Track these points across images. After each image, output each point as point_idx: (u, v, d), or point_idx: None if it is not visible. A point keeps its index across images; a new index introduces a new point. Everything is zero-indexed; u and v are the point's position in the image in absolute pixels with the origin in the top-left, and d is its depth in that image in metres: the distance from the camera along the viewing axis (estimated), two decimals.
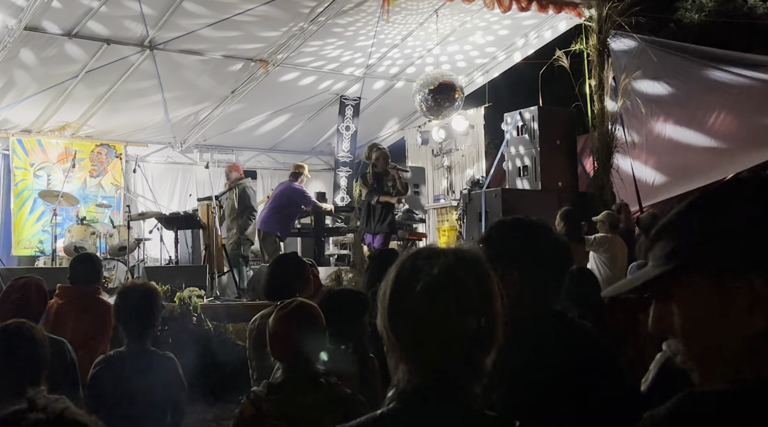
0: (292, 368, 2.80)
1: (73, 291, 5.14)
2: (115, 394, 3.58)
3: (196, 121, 12.11)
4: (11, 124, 11.11)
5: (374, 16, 10.20)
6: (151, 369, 3.65)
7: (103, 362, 3.71)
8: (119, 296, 3.91)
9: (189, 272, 8.90)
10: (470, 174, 12.16)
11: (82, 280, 5.16)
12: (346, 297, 3.55)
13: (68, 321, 4.87)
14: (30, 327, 3.19)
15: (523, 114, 10.16)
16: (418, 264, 1.40)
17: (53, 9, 8.93)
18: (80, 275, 5.17)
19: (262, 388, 2.76)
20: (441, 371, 1.36)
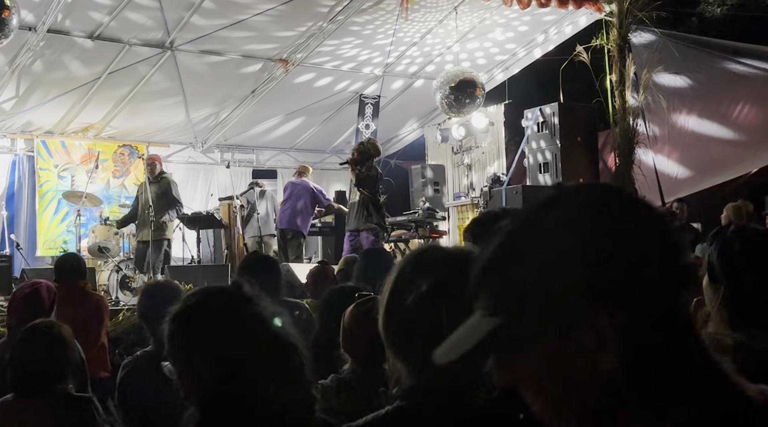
0: (364, 366, 2.76)
1: (63, 289, 5.25)
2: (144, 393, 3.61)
3: (217, 122, 12.18)
4: (35, 126, 11.24)
5: (393, 15, 10.20)
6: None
7: (132, 363, 3.75)
8: (143, 294, 3.96)
9: (211, 271, 8.98)
10: (491, 171, 12.12)
11: (69, 277, 5.28)
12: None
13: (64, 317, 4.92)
14: (58, 326, 3.25)
15: (543, 110, 10.11)
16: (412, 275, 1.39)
17: (75, 12, 9.03)
18: (66, 273, 5.30)
19: (331, 382, 2.69)
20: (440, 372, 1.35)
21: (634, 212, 0.86)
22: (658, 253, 0.83)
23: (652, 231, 0.85)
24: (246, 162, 13.18)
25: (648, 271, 0.81)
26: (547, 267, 0.82)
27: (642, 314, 0.81)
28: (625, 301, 0.81)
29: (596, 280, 0.81)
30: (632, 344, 0.81)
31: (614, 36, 10.18)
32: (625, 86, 10.13)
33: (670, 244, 0.85)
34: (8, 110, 10.57)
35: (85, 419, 3.07)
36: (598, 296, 0.80)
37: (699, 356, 0.84)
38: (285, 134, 13.11)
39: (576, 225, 0.83)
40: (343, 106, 12.60)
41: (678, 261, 0.85)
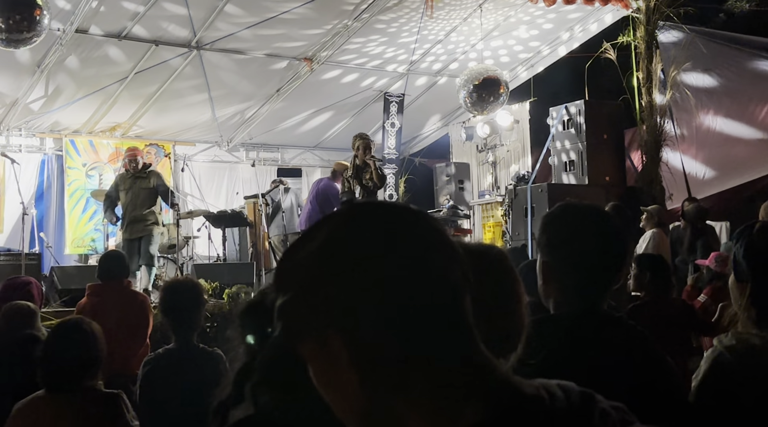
0: None
1: (106, 287, 5.29)
2: (166, 390, 3.64)
3: (242, 120, 12.26)
4: (64, 126, 11.38)
5: (417, 12, 10.20)
6: (199, 365, 3.70)
7: (153, 360, 3.78)
8: (164, 292, 3.99)
9: (237, 269, 9.03)
10: (515, 169, 12.08)
11: (113, 275, 5.31)
12: None
13: (110, 316, 4.97)
14: (88, 322, 3.28)
15: (569, 108, 10.06)
16: None
17: (102, 13, 9.13)
18: (110, 271, 5.32)
19: None
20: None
21: (380, 249, 0.84)
22: (395, 293, 0.82)
23: (396, 268, 0.83)
24: (271, 160, 13.24)
25: (384, 309, 0.81)
26: (307, 281, 0.85)
27: (379, 346, 0.82)
28: (360, 334, 0.82)
29: (333, 305, 0.82)
30: (372, 372, 0.82)
31: (641, 33, 10.09)
32: (652, 84, 10.04)
33: (411, 281, 0.83)
34: (37, 110, 10.72)
35: (114, 415, 3.10)
36: (337, 320, 0.82)
37: (471, 373, 0.84)
38: (310, 133, 13.15)
39: (322, 259, 0.85)
40: (368, 104, 12.62)
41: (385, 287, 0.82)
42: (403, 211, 0.89)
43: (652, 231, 7.77)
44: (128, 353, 4.07)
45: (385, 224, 0.86)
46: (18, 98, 10.27)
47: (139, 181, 8.88)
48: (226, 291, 7.54)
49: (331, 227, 0.87)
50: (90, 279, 6.60)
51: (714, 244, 7.95)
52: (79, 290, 6.70)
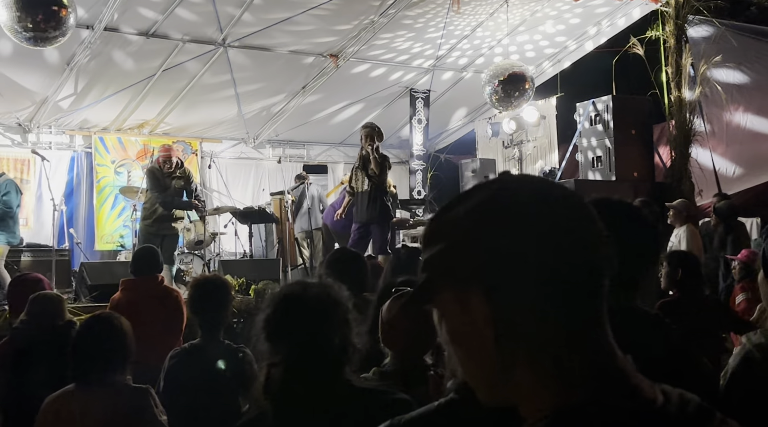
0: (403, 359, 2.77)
1: (140, 282, 5.33)
2: (191, 385, 3.67)
3: (268, 117, 12.31)
4: (93, 123, 11.51)
5: (443, 8, 10.17)
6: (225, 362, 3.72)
7: (179, 355, 3.81)
8: (192, 288, 4.02)
9: (263, 265, 9.07)
10: (542, 165, 12.01)
11: (147, 271, 5.35)
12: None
13: (144, 312, 5.02)
14: (117, 317, 3.32)
15: (596, 104, 9.97)
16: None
17: (130, 10, 9.22)
18: (144, 267, 5.36)
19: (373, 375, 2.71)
20: None
21: (525, 209, 0.88)
22: (544, 256, 0.86)
23: (546, 233, 0.87)
24: (297, 157, 13.28)
25: (533, 270, 0.86)
26: (456, 239, 0.90)
27: (520, 306, 0.86)
28: (504, 292, 0.86)
29: (481, 264, 0.87)
30: (508, 330, 0.86)
31: (670, 27, 9.96)
32: (681, 79, 9.91)
33: (559, 249, 0.87)
34: (67, 108, 10.85)
35: (142, 409, 3.14)
36: (482, 279, 0.87)
37: (594, 352, 0.87)
38: (335, 129, 13.17)
39: (479, 215, 0.89)
40: (394, 100, 12.61)
41: (569, 267, 0.87)
42: (559, 186, 0.93)
43: (684, 227, 7.68)
44: (163, 348, 4.08)
45: (540, 193, 0.90)
46: (48, 96, 10.40)
47: (174, 181, 8.92)
48: (253, 287, 7.58)
49: (488, 190, 0.91)
50: (119, 275, 6.67)
51: (744, 240, 7.86)
52: (108, 286, 6.77)
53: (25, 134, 11.06)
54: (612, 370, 0.88)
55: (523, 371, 0.87)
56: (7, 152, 10.91)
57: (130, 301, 5.19)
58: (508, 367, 0.88)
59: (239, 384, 3.76)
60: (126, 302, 5.20)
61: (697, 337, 3.81)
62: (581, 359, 0.87)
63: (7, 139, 11.00)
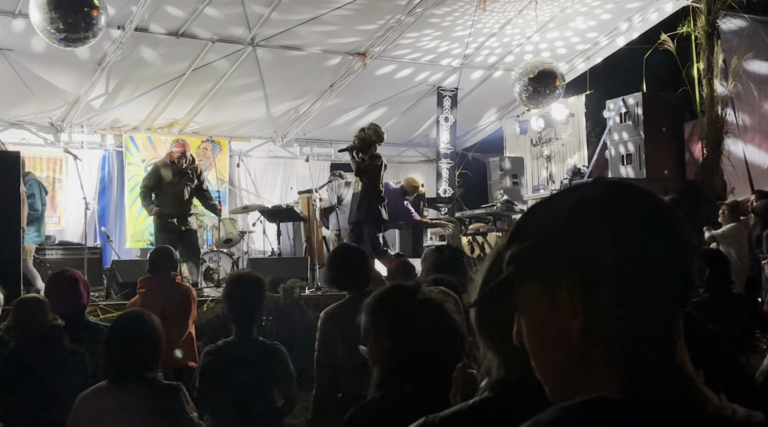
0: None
1: (153, 280, 5.41)
2: (226, 382, 3.69)
3: (296, 116, 12.35)
4: (124, 123, 11.64)
5: (471, 5, 10.12)
6: (260, 358, 3.74)
7: (214, 352, 3.83)
8: (228, 284, 4.04)
9: (291, 264, 9.10)
10: (571, 163, 11.91)
11: (159, 268, 5.44)
12: None
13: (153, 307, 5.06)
14: (148, 314, 3.35)
15: (626, 100, 9.88)
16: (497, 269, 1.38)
17: (161, 11, 9.31)
18: (157, 264, 5.46)
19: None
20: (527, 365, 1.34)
21: (629, 212, 0.92)
22: (639, 258, 0.89)
23: (643, 235, 0.90)
24: (324, 156, 13.31)
25: (628, 270, 0.89)
26: (551, 234, 0.93)
27: (610, 303, 0.89)
28: (598, 288, 0.89)
29: (577, 259, 0.90)
30: (594, 324, 0.89)
31: (702, 22, 9.83)
32: (713, 74, 9.78)
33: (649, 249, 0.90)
34: (98, 107, 10.98)
35: (174, 406, 3.16)
36: (576, 273, 0.90)
37: (668, 354, 0.90)
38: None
39: (579, 212, 0.93)
40: (421, 99, 12.58)
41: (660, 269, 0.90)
42: (654, 196, 0.95)
43: (732, 225, 7.57)
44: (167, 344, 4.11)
45: (634, 198, 0.94)
46: (80, 96, 10.54)
47: (186, 176, 8.92)
48: (281, 285, 7.61)
49: (588, 190, 0.95)
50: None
51: None
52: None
53: (57, 134, 11.22)
54: (681, 375, 0.90)
55: (595, 364, 0.90)
56: (41, 151, 11.07)
57: (143, 298, 5.28)
58: (584, 359, 0.91)
59: (274, 380, 3.78)
60: (141, 300, 5.29)
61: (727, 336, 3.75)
62: (655, 359, 0.89)
63: (40, 138, 11.16)
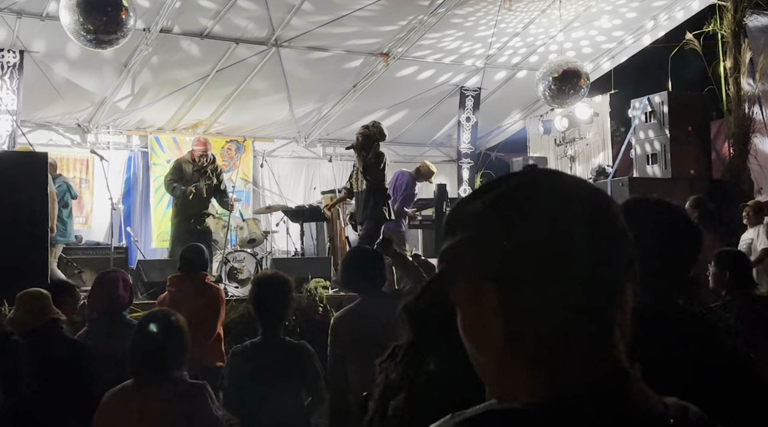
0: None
1: (184, 278, 5.44)
2: (253, 382, 3.71)
3: (319, 116, 12.39)
4: (149, 123, 11.74)
5: (494, 5, 10.09)
6: (287, 358, 3.76)
7: (241, 352, 3.86)
8: (255, 285, 4.07)
9: (314, 264, 9.12)
10: (595, 163, 11.83)
11: (191, 267, 5.47)
12: None
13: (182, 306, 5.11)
14: (174, 314, 3.39)
15: (652, 99, 9.79)
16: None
17: (184, 13, 9.39)
18: (189, 263, 5.49)
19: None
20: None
21: (553, 204, 0.87)
22: (559, 255, 0.84)
23: (564, 231, 0.85)
24: (348, 156, 13.29)
25: (547, 267, 0.84)
26: (474, 230, 0.88)
27: (530, 303, 0.84)
28: (516, 288, 0.84)
29: (497, 257, 0.85)
30: (517, 326, 0.85)
31: (728, 21, 9.73)
32: (740, 73, 9.67)
33: (576, 248, 0.84)
34: (124, 108, 11.09)
35: (199, 405, 3.19)
36: (496, 272, 0.85)
37: (595, 355, 0.85)
38: (386, 128, 13.16)
39: (497, 207, 0.88)
40: (444, 99, 12.57)
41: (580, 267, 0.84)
42: (586, 185, 0.91)
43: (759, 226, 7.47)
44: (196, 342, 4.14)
45: (564, 191, 0.88)
46: (106, 97, 10.65)
47: (205, 175, 9.02)
48: (305, 285, 7.64)
49: (509, 183, 0.90)
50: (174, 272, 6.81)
51: None
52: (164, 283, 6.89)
53: (84, 135, 11.34)
54: (610, 374, 0.85)
55: (522, 367, 0.86)
56: (68, 152, 11.19)
57: (173, 296, 5.31)
58: (509, 364, 0.86)
59: (301, 379, 3.80)
60: (169, 298, 5.32)
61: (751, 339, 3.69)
62: (580, 363, 0.85)
63: (67, 139, 11.29)
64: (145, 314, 3.50)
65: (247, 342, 3.88)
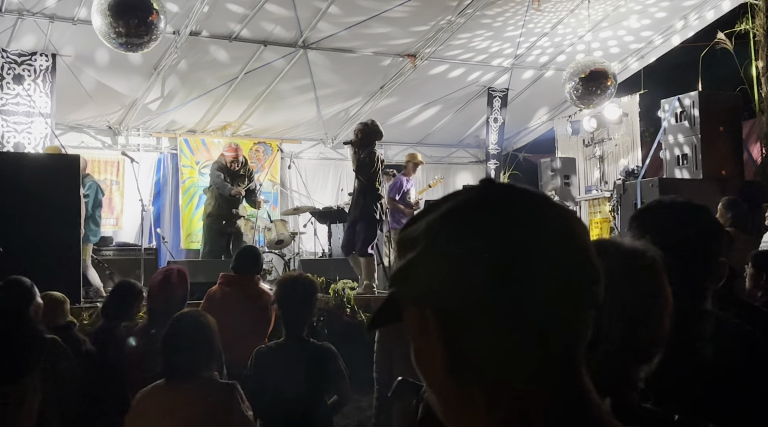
0: None
1: (238, 280, 5.48)
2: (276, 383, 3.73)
3: (347, 118, 12.42)
4: (178, 125, 11.86)
5: (523, 6, 10.06)
6: (311, 358, 3.78)
7: (265, 353, 3.88)
8: (279, 286, 4.09)
9: (342, 265, 9.14)
10: (624, 164, 11.73)
11: (246, 269, 5.51)
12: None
13: (232, 306, 5.18)
14: (204, 315, 3.42)
15: (682, 100, 9.67)
16: None
17: (213, 17, 9.48)
18: (245, 265, 5.52)
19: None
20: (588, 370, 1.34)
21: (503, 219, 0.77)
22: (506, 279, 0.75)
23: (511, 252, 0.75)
24: None
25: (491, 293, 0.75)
26: (417, 253, 0.79)
27: (473, 334, 0.76)
28: (457, 316, 0.76)
29: (440, 279, 0.77)
30: (461, 358, 0.76)
31: (761, 20, 9.60)
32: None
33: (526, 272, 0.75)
34: (154, 110, 11.22)
35: (230, 404, 3.22)
36: (438, 297, 0.77)
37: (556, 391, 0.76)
38: (413, 129, 13.19)
39: (440, 225, 0.80)
40: (471, 100, 12.54)
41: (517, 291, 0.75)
42: (538, 199, 0.80)
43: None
44: (246, 347, 4.18)
45: (511, 208, 0.78)
46: (137, 99, 10.78)
47: (238, 179, 9.17)
48: (332, 286, 7.66)
49: (456, 201, 0.81)
50: (203, 273, 6.87)
51: None
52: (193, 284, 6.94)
53: (114, 137, 11.48)
54: (575, 412, 0.76)
55: (475, 406, 0.76)
56: (99, 154, 11.34)
57: (225, 295, 5.36)
58: (461, 398, 0.77)
59: (324, 380, 3.81)
60: (221, 295, 5.37)
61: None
62: (539, 399, 0.75)
63: (99, 141, 11.44)
64: (176, 315, 3.53)
65: (272, 343, 3.91)
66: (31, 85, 9.54)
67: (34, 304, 4.15)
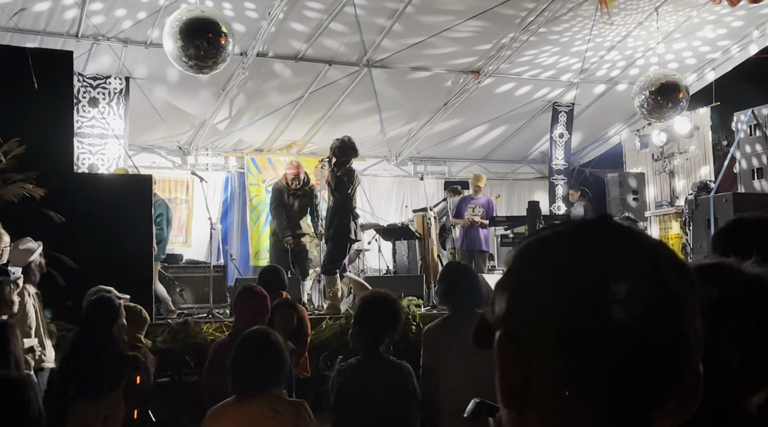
0: None
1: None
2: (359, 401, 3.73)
3: (410, 135, 12.44)
4: (246, 145, 12.07)
5: (589, 20, 9.93)
6: (390, 376, 3.76)
7: (347, 371, 3.87)
8: (360, 303, 4.10)
9: (406, 282, 9.13)
10: (697, 178, 11.42)
11: (270, 288, 5.60)
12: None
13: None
14: (273, 332, 3.45)
15: (757, 112, 9.38)
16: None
17: (279, 38, 9.65)
18: (267, 284, 5.64)
19: None
20: None
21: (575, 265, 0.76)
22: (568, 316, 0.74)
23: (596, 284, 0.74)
24: (438, 174, 13.33)
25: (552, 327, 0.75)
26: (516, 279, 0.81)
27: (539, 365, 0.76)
28: (524, 343, 0.77)
29: (507, 311, 0.79)
30: (524, 386, 0.77)
31: None
32: None
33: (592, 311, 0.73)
34: (222, 130, 11.45)
35: (299, 422, 3.23)
36: (506, 330, 0.79)
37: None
38: (476, 145, 13.13)
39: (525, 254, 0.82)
40: (536, 116, 12.42)
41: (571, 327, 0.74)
42: (631, 241, 0.78)
43: None
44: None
45: (619, 246, 0.77)
46: (206, 120, 11.02)
47: (300, 198, 9.21)
48: None
49: (547, 232, 0.83)
50: None
51: None
52: None
53: (184, 157, 11.76)
54: None
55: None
56: (169, 174, 11.62)
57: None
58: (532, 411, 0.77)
59: (403, 397, 3.79)
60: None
61: None
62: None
63: (169, 161, 11.73)
64: (245, 333, 3.57)
65: (352, 360, 3.89)
66: (105, 107, 9.84)
67: (119, 323, 4.31)
